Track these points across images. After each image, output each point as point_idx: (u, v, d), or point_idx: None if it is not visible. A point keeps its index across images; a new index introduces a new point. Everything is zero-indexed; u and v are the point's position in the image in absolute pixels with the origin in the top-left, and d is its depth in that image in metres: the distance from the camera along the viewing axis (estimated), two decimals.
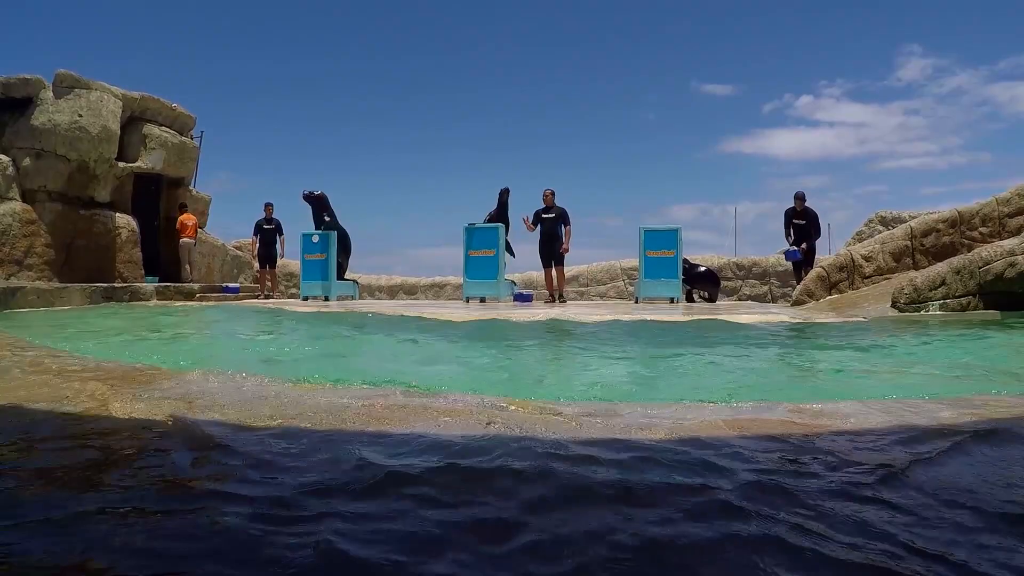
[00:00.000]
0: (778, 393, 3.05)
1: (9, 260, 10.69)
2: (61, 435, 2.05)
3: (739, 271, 15.32)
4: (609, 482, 1.57)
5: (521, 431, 2.09)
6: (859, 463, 1.74)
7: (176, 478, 1.66)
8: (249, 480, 1.61)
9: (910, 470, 1.67)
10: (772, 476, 1.63)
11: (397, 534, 1.26)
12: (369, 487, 1.54)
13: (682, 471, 1.68)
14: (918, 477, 1.62)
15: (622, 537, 1.24)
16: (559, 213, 10.71)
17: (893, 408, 2.49)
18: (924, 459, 1.77)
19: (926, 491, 1.51)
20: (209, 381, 3.13)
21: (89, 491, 1.50)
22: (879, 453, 1.86)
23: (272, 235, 12.76)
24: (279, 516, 1.36)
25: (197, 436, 2.04)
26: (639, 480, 1.59)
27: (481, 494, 1.49)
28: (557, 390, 3.26)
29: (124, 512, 1.37)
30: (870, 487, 1.54)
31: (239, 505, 1.41)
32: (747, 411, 2.49)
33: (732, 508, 1.39)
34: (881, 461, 1.75)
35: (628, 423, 2.22)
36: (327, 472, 1.66)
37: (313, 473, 1.65)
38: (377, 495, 1.49)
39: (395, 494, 1.49)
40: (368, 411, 2.41)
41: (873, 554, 1.17)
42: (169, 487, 1.58)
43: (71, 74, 11.64)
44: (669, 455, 1.82)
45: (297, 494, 1.49)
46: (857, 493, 1.50)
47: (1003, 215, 9.43)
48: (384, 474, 1.62)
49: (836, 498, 1.47)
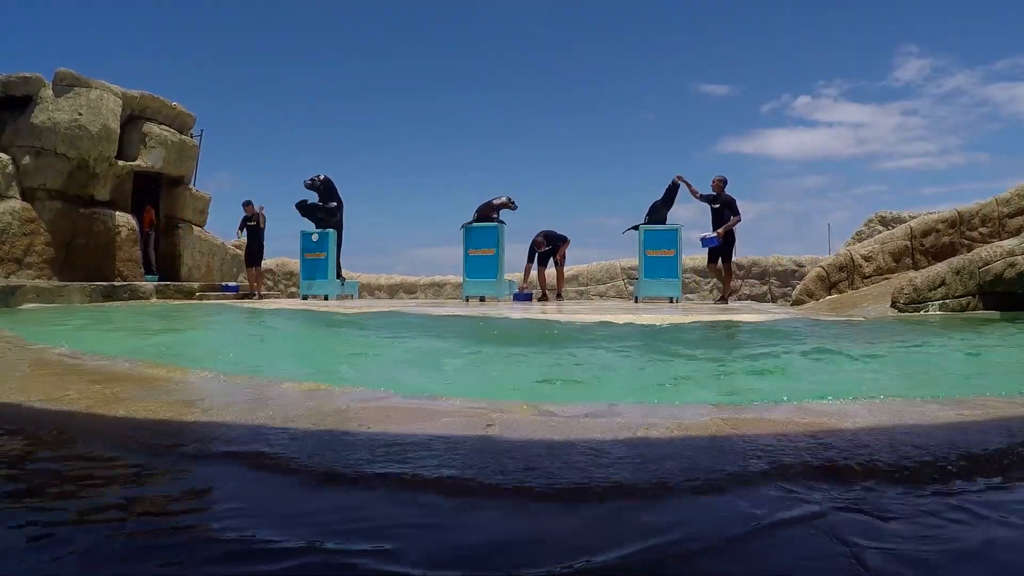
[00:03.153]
0: (781, 391, 3.05)
1: (9, 258, 10.69)
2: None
3: (739, 271, 15.31)
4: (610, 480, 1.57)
5: (519, 433, 2.09)
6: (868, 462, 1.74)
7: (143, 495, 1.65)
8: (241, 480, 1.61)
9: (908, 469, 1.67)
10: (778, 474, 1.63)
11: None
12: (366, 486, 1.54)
13: (680, 471, 1.68)
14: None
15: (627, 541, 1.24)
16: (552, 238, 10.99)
17: (893, 408, 2.49)
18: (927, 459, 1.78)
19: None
20: (209, 382, 3.12)
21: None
22: (881, 452, 1.86)
23: (259, 233, 12.73)
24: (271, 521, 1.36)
25: (200, 438, 2.04)
26: (638, 480, 1.59)
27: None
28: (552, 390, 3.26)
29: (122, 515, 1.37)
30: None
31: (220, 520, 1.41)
32: (748, 411, 2.49)
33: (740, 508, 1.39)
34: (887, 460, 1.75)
35: (628, 422, 2.22)
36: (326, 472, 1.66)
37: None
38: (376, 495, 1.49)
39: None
40: (369, 413, 2.41)
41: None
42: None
43: (71, 72, 11.63)
44: (669, 455, 1.82)
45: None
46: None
47: (1003, 215, 9.44)
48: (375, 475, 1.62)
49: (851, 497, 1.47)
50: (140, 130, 12.99)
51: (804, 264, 14.53)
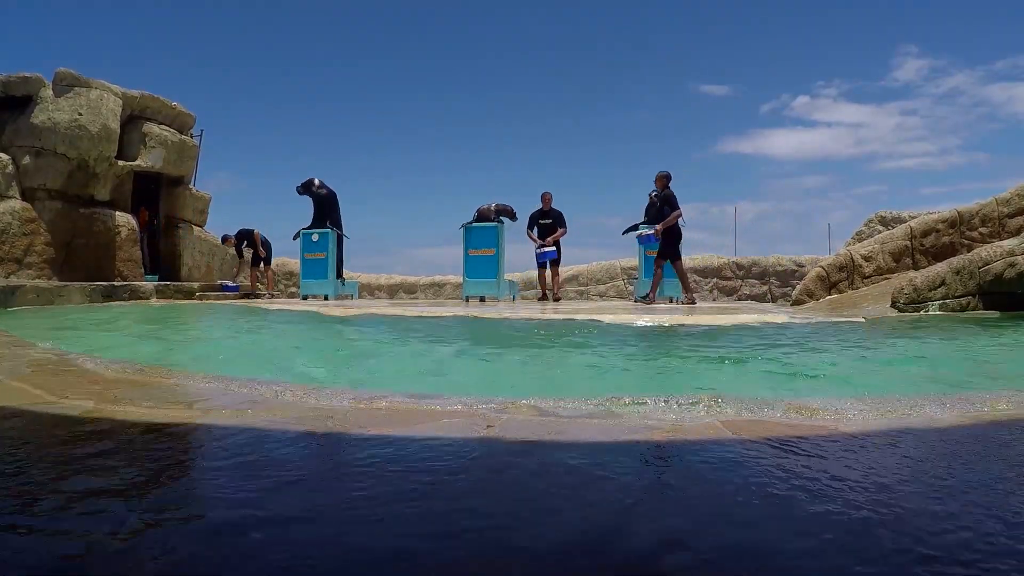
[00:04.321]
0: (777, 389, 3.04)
1: (9, 258, 10.69)
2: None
3: (739, 271, 15.32)
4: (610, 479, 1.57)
5: (520, 434, 2.09)
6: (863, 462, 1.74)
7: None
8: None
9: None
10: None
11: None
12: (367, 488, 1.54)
13: (681, 471, 1.68)
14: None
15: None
16: (555, 216, 11.06)
17: (893, 408, 2.49)
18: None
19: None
20: (208, 383, 3.12)
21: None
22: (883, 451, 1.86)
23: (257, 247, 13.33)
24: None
25: (203, 440, 2.04)
26: (638, 480, 1.59)
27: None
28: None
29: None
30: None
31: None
32: (746, 411, 2.49)
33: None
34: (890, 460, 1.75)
35: (627, 424, 2.22)
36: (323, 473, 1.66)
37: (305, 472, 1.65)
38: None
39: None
40: (367, 414, 2.41)
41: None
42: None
43: (71, 72, 11.63)
44: (669, 455, 1.83)
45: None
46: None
47: (1003, 215, 9.44)
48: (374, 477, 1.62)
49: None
50: (140, 130, 12.98)
51: (804, 264, 14.54)
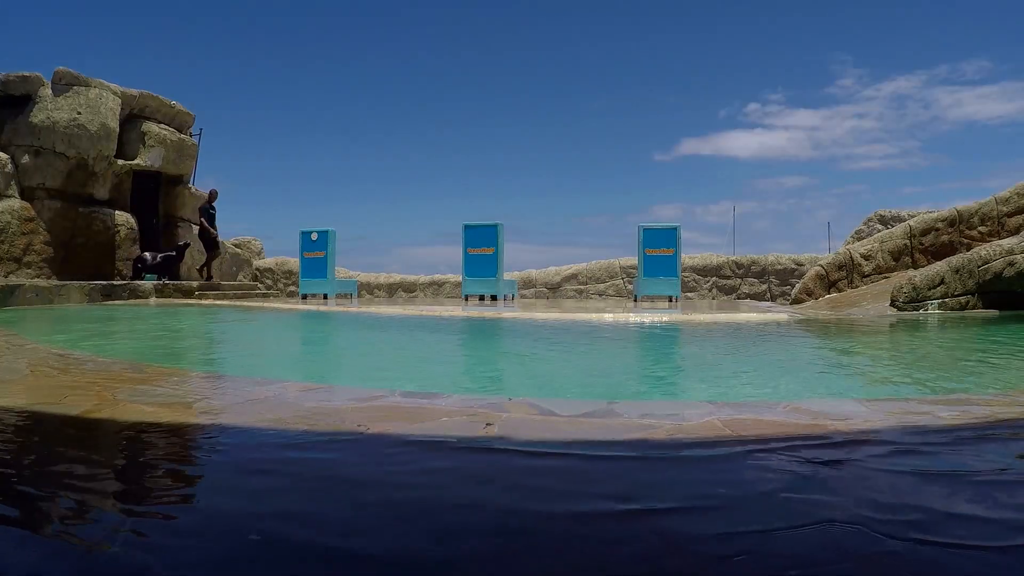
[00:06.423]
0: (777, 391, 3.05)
1: (8, 258, 10.69)
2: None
3: (738, 269, 15.32)
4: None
5: (519, 433, 2.09)
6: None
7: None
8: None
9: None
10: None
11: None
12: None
13: (679, 473, 1.68)
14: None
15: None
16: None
17: (893, 407, 2.49)
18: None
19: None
20: (207, 383, 3.12)
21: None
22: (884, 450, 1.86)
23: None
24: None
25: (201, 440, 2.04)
26: (637, 480, 1.60)
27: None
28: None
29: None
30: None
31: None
32: (746, 410, 2.49)
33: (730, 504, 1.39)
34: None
35: (627, 423, 2.22)
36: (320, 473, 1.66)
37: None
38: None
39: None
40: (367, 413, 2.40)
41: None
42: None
43: (70, 72, 11.62)
44: (668, 455, 1.83)
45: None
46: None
47: (1002, 214, 9.44)
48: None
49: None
50: (139, 129, 12.98)
51: (803, 263, 14.54)
